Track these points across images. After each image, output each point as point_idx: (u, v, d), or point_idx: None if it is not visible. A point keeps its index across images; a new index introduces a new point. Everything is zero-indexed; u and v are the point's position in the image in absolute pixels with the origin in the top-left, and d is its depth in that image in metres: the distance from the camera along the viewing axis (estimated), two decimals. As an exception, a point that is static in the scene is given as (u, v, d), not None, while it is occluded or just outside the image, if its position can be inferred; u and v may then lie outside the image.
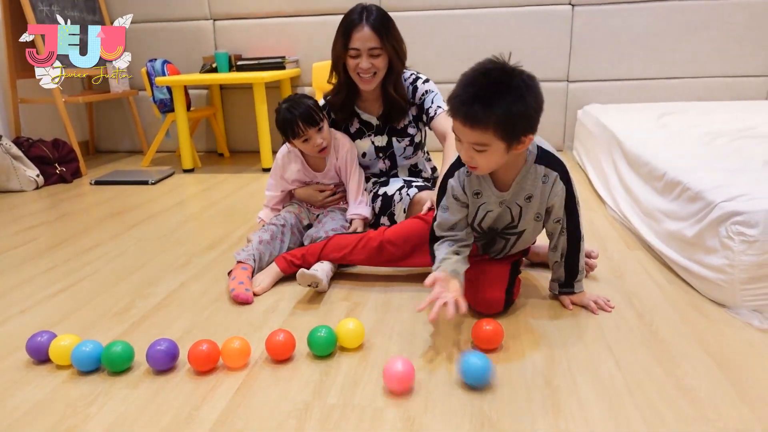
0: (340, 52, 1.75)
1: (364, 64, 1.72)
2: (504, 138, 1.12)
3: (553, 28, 3.21)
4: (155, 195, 2.70)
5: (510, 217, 1.33)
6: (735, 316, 1.30)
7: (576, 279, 1.38)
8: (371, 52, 1.71)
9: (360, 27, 1.69)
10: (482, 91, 1.09)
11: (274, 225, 1.77)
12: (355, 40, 1.70)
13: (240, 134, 3.73)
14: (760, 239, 1.26)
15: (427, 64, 3.18)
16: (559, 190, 1.28)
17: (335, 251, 1.58)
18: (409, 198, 1.83)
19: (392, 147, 1.93)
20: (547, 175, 1.27)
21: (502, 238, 1.40)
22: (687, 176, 1.58)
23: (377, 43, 1.70)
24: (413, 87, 1.88)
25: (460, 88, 1.12)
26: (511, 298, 1.38)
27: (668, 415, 0.97)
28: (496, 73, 1.10)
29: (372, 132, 1.93)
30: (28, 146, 2.96)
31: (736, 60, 3.16)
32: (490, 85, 1.09)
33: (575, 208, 1.31)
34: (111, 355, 1.15)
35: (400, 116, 1.88)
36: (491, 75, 1.10)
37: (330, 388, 1.09)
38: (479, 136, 1.12)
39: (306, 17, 3.42)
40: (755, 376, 1.08)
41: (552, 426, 0.95)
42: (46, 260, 1.85)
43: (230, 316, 1.41)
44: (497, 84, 1.09)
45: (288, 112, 1.74)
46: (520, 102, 1.09)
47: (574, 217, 1.32)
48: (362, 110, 1.92)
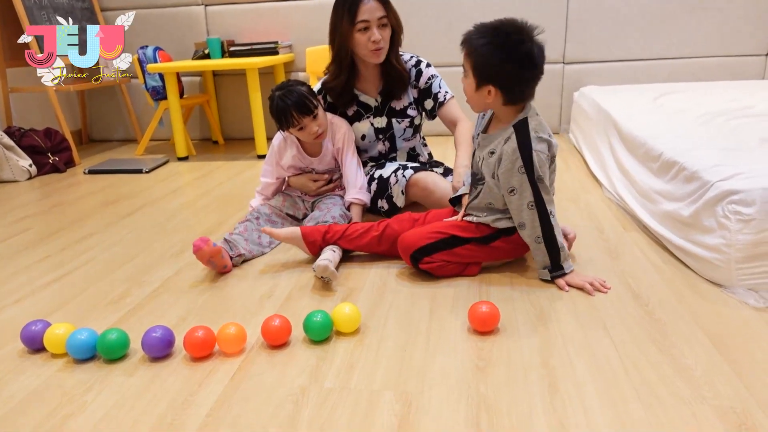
0: (347, 30, 1.73)
1: (376, 36, 1.72)
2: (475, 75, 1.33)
3: (549, 9, 3.18)
4: (150, 183, 2.68)
5: (477, 167, 1.45)
6: (731, 296, 1.30)
7: (561, 258, 1.38)
8: (380, 21, 1.72)
9: (366, 0, 1.70)
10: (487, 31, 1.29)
11: (248, 221, 1.76)
12: (363, 12, 1.70)
13: (234, 121, 3.70)
14: (756, 218, 1.25)
15: (421, 47, 3.16)
16: (511, 155, 1.32)
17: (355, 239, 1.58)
18: (405, 179, 1.82)
19: (392, 128, 1.92)
20: (510, 138, 1.34)
21: (474, 186, 1.49)
22: (683, 156, 1.57)
23: (384, 11, 1.73)
24: (417, 70, 1.86)
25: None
26: (417, 264, 1.43)
27: (664, 395, 0.97)
28: (509, 27, 1.30)
29: (371, 114, 1.91)
30: (19, 136, 2.93)
31: (733, 40, 3.13)
32: (500, 32, 1.29)
33: (533, 181, 1.33)
34: (106, 342, 1.14)
35: (401, 89, 1.87)
36: (504, 27, 1.30)
37: (327, 372, 1.08)
38: (464, 60, 1.34)
39: (299, 1, 3.38)
40: (751, 354, 1.08)
41: (549, 406, 0.95)
42: (41, 250, 1.84)
43: (226, 303, 1.40)
44: (503, 34, 1.29)
45: (281, 100, 1.71)
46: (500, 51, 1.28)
47: (535, 190, 1.33)
48: (361, 91, 1.90)
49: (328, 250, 1.55)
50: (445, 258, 1.44)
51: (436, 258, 1.44)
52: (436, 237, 1.44)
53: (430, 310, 1.31)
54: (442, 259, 1.44)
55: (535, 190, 1.33)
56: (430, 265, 1.44)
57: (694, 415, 0.92)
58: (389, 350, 1.15)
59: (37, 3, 3.03)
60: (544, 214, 1.35)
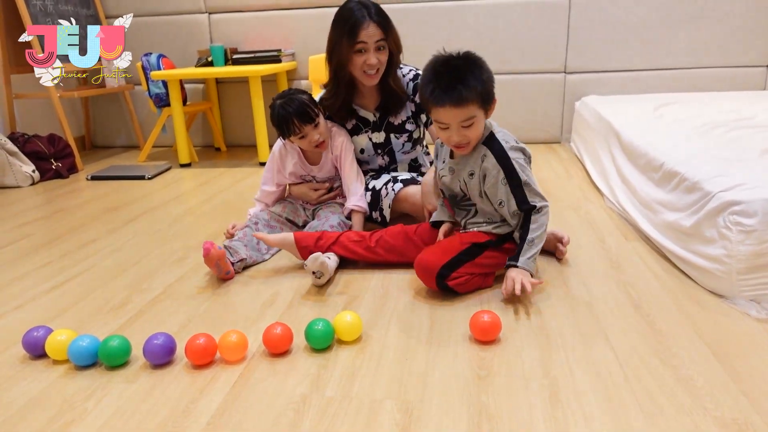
0: (346, 52, 1.72)
1: (372, 60, 1.71)
2: (483, 105, 1.32)
3: (550, 20, 3.20)
4: (152, 190, 2.69)
5: (459, 189, 1.46)
6: (732, 306, 1.30)
7: (523, 252, 1.36)
8: (378, 45, 1.71)
9: (366, 24, 1.68)
10: (454, 74, 1.28)
11: (248, 227, 1.77)
12: (362, 35, 1.69)
13: (237, 128, 3.71)
14: (758, 229, 1.25)
15: (423, 56, 3.15)
16: (492, 170, 1.36)
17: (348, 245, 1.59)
18: (394, 193, 1.82)
19: (390, 143, 1.92)
20: (486, 155, 1.38)
21: (461, 209, 1.50)
22: (684, 167, 1.58)
23: (382, 35, 1.71)
24: (414, 84, 1.86)
25: (432, 82, 1.30)
26: (444, 282, 1.38)
27: (666, 405, 0.97)
28: (453, 60, 1.31)
29: (369, 128, 1.91)
30: (23, 142, 2.95)
31: (733, 50, 3.15)
32: (457, 68, 1.29)
33: (519, 186, 1.36)
34: (108, 349, 1.14)
35: (398, 108, 1.87)
36: (451, 62, 1.30)
37: (328, 380, 1.08)
38: (467, 111, 1.30)
39: (302, 9, 3.41)
40: (752, 365, 1.08)
41: (549, 416, 0.95)
42: (43, 256, 1.85)
43: (227, 310, 1.40)
44: (461, 66, 1.29)
45: (282, 109, 1.71)
46: (484, 71, 1.31)
47: (518, 193, 1.36)
48: (360, 106, 1.90)
49: (328, 254, 1.56)
50: (470, 270, 1.40)
51: (462, 272, 1.39)
52: (458, 249, 1.41)
53: (432, 318, 1.31)
54: (467, 273, 1.40)
55: (522, 193, 1.36)
56: (457, 281, 1.38)
57: (696, 425, 0.92)
58: (390, 359, 1.15)
59: (42, 10, 3.06)
60: (528, 211, 1.38)
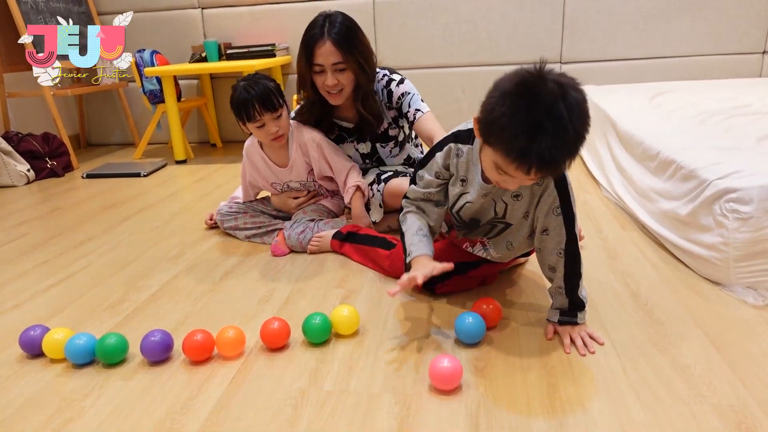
0: (304, 69, 1.65)
1: (329, 81, 1.61)
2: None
3: (545, 9, 3.18)
4: (148, 187, 2.68)
5: (494, 212, 1.21)
6: (729, 294, 1.31)
7: (576, 304, 1.17)
8: (335, 67, 1.61)
9: (322, 42, 1.59)
10: (558, 132, 0.90)
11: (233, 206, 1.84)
12: (318, 56, 1.60)
13: (232, 124, 3.69)
14: (754, 216, 1.25)
15: (418, 48, 3.16)
16: (549, 198, 1.12)
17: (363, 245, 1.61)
18: (380, 194, 1.79)
19: (377, 152, 1.89)
20: (543, 178, 1.10)
21: (488, 224, 1.25)
22: (680, 155, 1.57)
23: (340, 57, 1.60)
24: (388, 91, 1.76)
25: (521, 134, 0.91)
26: (432, 289, 1.35)
27: (663, 394, 0.97)
28: (556, 106, 0.91)
29: (354, 138, 1.86)
30: (17, 141, 2.93)
31: (729, 38, 3.13)
32: (560, 121, 0.90)
33: (570, 222, 1.13)
34: (105, 347, 1.14)
35: (373, 129, 1.80)
36: (554, 110, 0.90)
37: (326, 375, 1.08)
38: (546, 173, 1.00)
39: (296, 3, 3.38)
40: (749, 352, 1.08)
41: (547, 406, 0.95)
42: (39, 255, 1.84)
43: (224, 306, 1.40)
44: (564, 119, 0.90)
45: (245, 91, 1.58)
46: (588, 124, 0.94)
47: (569, 231, 1.13)
48: (340, 119, 1.83)
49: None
50: (459, 281, 1.37)
51: (449, 283, 1.35)
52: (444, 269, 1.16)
53: (429, 311, 1.31)
54: (456, 282, 1.36)
55: (569, 233, 1.13)
56: (444, 289, 1.36)
57: (693, 414, 0.92)
58: (388, 352, 1.15)
59: (34, 7, 3.03)
60: (575, 259, 1.14)
